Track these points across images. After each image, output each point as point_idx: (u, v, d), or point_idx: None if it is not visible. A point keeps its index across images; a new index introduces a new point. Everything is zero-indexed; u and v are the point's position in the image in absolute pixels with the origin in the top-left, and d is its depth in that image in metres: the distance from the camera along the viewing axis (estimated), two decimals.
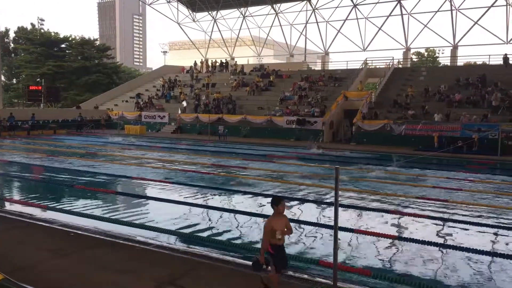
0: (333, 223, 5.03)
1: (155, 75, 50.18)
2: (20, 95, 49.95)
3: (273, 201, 5.15)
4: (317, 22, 47.69)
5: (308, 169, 16.81)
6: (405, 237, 7.98)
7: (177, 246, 7.22)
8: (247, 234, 8.33)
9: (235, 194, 11.92)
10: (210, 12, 52.50)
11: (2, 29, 65.38)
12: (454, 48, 40.60)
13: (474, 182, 14.41)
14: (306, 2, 47.12)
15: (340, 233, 6.22)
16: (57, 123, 34.89)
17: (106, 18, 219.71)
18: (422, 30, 42.77)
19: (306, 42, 49.27)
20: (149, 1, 53.13)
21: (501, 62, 32.17)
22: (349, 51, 49.92)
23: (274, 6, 48.61)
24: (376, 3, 43.95)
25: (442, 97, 28.70)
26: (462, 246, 7.38)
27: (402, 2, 42.05)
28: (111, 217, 9.09)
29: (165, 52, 79.42)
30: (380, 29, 44.31)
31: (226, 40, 54.98)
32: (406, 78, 33.69)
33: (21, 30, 63.81)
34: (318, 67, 48.53)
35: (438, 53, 62.85)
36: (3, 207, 9.89)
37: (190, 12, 53.79)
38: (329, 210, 10.06)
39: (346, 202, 10.80)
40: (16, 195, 11.94)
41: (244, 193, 11.95)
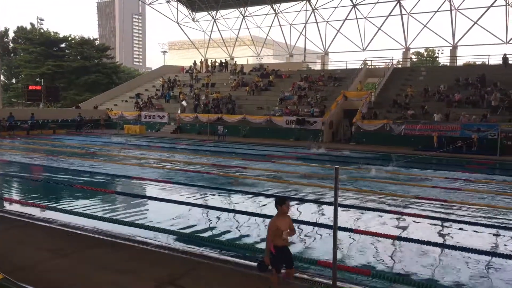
0: (332, 223, 5.04)
1: (155, 75, 50.17)
2: (19, 95, 49.94)
3: (277, 201, 5.09)
4: (316, 22, 47.73)
5: (307, 169, 16.82)
6: (404, 237, 7.99)
7: (176, 246, 7.22)
8: (247, 234, 8.33)
9: (235, 194, 11.92)
10: (209, 12, 52.53)
11: (1, 28, 65.55)
12: (454, 48, 40.65)
13: (474, 182, 14.43)
14: (305, 2, 47.13)
15: (339, 233, 6.22)
16: (56, 123, 34.88)
17: (105, 17, 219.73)
18: (421, 30, 42.90)
19: (305, 42, 49.38)
20: (148, 1, 53.12)
21: (500, 62, 32.19)
22: (348, 51, 49.90)
23: (273, 6, 48.63)
24: (375, 3, 44.00)
25: (441, 97, 28.73)
26: (461, 246, 7.39)
27: (401, 2, 42.09)
28: (111, 217, 9.09)
29: (164, 52, 79.41)
30: (379, 29, 44.38)
31: (226, 40, 54.98)
32: (405, 78, 33.72)
33: (20, 30, 63.77)
34: (318, 67, 48.57)
35: (438, 53, 62.92)
36: (3, 207, 9.89)
37: (190, 12, 53.82)
38: (328, 210, 10.07)
39: (345, 202, 10.81)
40: (15, 195, 11.94)
41: (243, 193, 11.96)
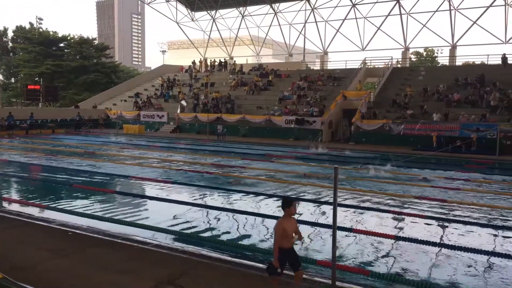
0: (331, 223, 5.05)
1: (154, 75, 50.11)
2: (18, 94, 49.96)
3: (284, 203, 5.02)
4: (316, 22, 47.73)
5: (306, 168, 16.83)
6: (403, 236, 8.02)
7: (176, 246, 7.23)
8: (246, 234, 8.35)
9: (234, 194, 11.92)
10: (209, 11, 52.49)
11: (0, 28, 65.35)
12: (453, 48, 40.67)
13: (473, 181, 14.46)
14: (305, 1, 47.12)
15: (338, 232, 6.24)
16: (55, 123, 34.86)
17: (104, 17, 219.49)
18: (421, 30, 42.88)
19: (305, 42, 49.35)
20: (147, 0, 53.08)
21: (499, 62, 32.21)
22: (348, 51, 49.99)
23: (273, 5, 48.61)
24: (375, 3, 43.99)
25: (440, 96, 28.75)
26: (460, 245, 7.41)
27: (401, 1, 42.09)
28: (110, 216, 9.09)
29: (164, 51, 79.32)
30: (379, 28, 44.40)
31: (225, 39, 54.94)
32: (405, 77, 33.73)
33: (19, 29, 63.67)
34: (317, 67, 48.53)
35: (437, 52, 62.99)
36: (2, 207, 9.89)
37: (189, 11, 53.77)
38: (327, 210, 10.09)
39: (344, 202, 10.83)
40: (14, 195, 11.93)
41: (242, 192, 11.97)
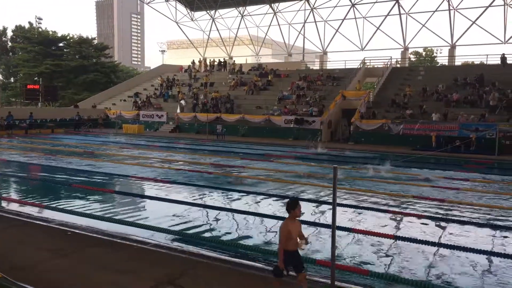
0: (330, 222, 5.06)
1: (153, 74, 50.10)
2: (17, 94, 49.85)
3: (289, 204, 4.94)
4: (315, 22, 47.74)
5: (306, 168, 16.84)
6: (402, 236, 8.03)
7: (175, 246, 7.25)
8: (245, 233, 8.36)
9: (233, 193, 11.93)
10: (208, 11, 52.48)
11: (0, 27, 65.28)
12: (452, 47, 40.72)
13: (472, 181, 14.48)
14: (304, 1, 47.12)
15: (337, 232, 6.26)
16: (55, 122, 34.85)
17: (104, 17, 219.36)
18: (420, 29, 42.90)
19: (304, 42, 49.36)
20: (147, 0, 53.05)
21: (499, 62, 32.24)
22: (347, 51, 50.11)
23: (272, 5, 48.61)
24: (374, 3, 44.01)
25: (440, 96, 28.77)
26: (459, 245, 7.43)
27: (400, 1, 42.11)
28: (110, 216, 9.10)
29: (163, 51, 79.38)
30: (378, 28, 44.43)
31: (224, 39, 54.93)
32: (404, 77, 33.75)
33: (19, 29, 63.58)
34: (316, 67, 48.51)
35: (436, 52, 63.03)
36: (1, 207, 9.89)
37: (188, 11, 53.75)
38: (326, 209, 10.10)
39: (344, 202, 10.84)
40: (13, 194, 11.93)
41: (242, 192, 11.98)
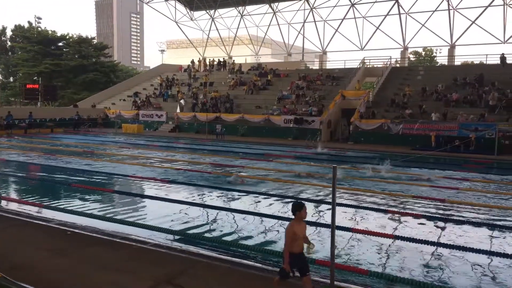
0: (330, 222, 5.07)
1: (153, 74, 50.08)
2: (17, 94, 49.85)
3: (295, 206, 4.96)
4: (315, 21, 47.73)
5: (305, 168, 16.85)
6: (402, 236, 8.03)
7: (175, 245, 7.25)
8: (244, 233, 8.36)
9: (233, 193, 11.93)
10: (207, 10, 52.45)
11: None
12: (452, 47, 40.74)
13: (471, 181, 14.50)
14: (304, 1, 47.10)
15: (337, 232, 6.26)
16: (54, 122, 34.84)
17: (103, 16, 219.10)
18: (419, 29, 42.93)
19: (304, 41, 49.37)
20: None
21: (498, 62, 32.27)
22: (346, 50, 49.94)
23: (272, 5, 48.59)
24: (373, 2, 44.01)
25: (439, 96, 28.79)
26: (459, 245, 7.44)
27: (399, 1, 42.13)
28: (109, 216, 9.11)
29: (162, 50, 79.33)
30: (377, 28, 44.44)
31: (224, 39, 54.91)
32: (403, 77, 33.76)
33: (18, 29, 63.49)
34: (316, 66, 48.50)
35: (436, 52, 63.08)
36: (1, 206, 9.88)
37: (188, 10, 53.71)
38: (326, 209, 10.10)
39: (343, 201, 10.85)
40: (13, 194, 11.92)
41: (241, 192, 11.98)
